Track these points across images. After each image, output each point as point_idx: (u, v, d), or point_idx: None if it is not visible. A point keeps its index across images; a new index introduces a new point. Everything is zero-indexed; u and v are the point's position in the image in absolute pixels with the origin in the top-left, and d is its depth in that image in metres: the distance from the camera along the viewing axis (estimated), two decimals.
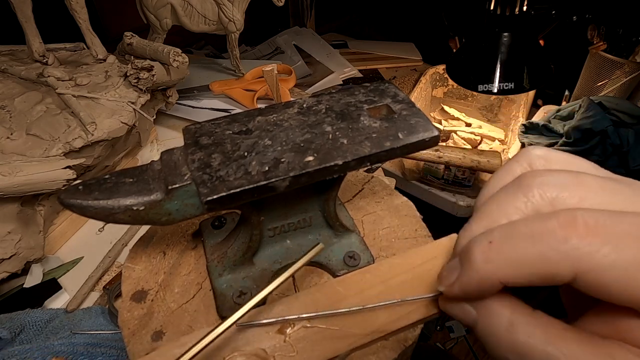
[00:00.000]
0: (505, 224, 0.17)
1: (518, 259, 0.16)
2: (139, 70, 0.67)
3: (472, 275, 0.17)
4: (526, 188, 0.18)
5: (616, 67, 0.96)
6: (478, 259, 0.17)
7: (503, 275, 0.17)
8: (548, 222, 0.16)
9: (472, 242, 0.18)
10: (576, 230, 0.15)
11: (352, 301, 0.25)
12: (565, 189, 0.17)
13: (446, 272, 0.19)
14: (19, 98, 0.63)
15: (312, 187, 0.30)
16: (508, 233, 0.17)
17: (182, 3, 0.86)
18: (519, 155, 0.21)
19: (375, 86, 0.31)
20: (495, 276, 0.17)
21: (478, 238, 0.18)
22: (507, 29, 0.73)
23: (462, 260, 0.18)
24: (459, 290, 0.19)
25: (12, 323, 0.48)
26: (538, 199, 0.17)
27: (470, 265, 0.17)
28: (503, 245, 0.17)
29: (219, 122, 0.29)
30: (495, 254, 0.17)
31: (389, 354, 0.26)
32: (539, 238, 0.16)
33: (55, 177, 0.54)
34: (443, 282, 0.20)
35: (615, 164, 0.85)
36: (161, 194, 0.25)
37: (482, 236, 0.17)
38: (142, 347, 0.27)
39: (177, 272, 0.32)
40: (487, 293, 0.18)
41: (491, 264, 0.17)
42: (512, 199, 0.18)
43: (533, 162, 0.20)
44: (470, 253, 0.17)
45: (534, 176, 0.18)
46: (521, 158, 0.20)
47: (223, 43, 0.97)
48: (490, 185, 0.20)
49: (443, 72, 1.17)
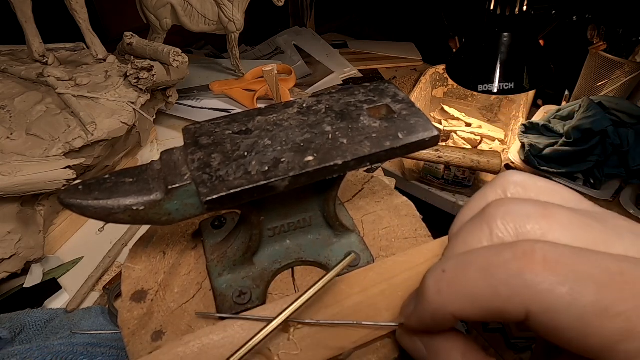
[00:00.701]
0: (461, 253, 0.16)
1: (468, 292, 0.15)
2: (139, 70, 0.67)
3: (426, 307, 0.16)
4: (490, 218, 0.16)
5: (616, 67, 0.96)
6: (430, 289, 0.16)
7: (454, 308, 0.15)
8: (503, 253, 0.14)
9: (428, 270, 0.17)
10: (532, 264, 0.14)
11: (356, 299, 0.25)
12: (530, 220, 0.16)
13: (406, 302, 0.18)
14: (19, 98, 0.63)
15: (312, 187, 0.30)
16: (461, 263, 0.15)
17: (182, 3, 0.86)
18: (495, 180, 0.19)
19: (375, 86, 0.31)
20: (447, 309, 0.15)
21: (433, 267, 0.16)
22: (507, 29, 0.73)
23: (418, 290, 0.17)
24: (415, 322, 0.17)
25: (12, 323, 0.48)
26: (502, 230, 0.16)
27: (424, 296, 0.16)
28: (455, 275, 0.15)
29: (219, 122, 0.29)
30: (446, 285, 0.15)
31: (389, 354, 0.26)
32: (491, 270, 0.14)
33: (55, 177, 0.54)
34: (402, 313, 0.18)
35: (615, 164, 0.85)
36: (161, 194, 0.25)
37: (437, 265, 0.16)
38: (142, 347, 0.27)
39: (177, 272, 0.32)
40: (443, 326, 0.16)
41: (442, 295, 0.15)
42: (477, 230, 0.17)
43: (508, 189, 0.18)
44: (424, 282, 0.16)
45: (498, 206, 0.16)
46: (496, 184, 0.19)
47: (223, 43, 0.97)
48: (463, 213, 0.19)
49: (443, 72, 1.17)
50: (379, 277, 0.27)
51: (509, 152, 0.95)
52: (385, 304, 0.25)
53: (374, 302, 0.25)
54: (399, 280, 0.26)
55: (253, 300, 0.29)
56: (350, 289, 0.26)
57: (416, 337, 0.18)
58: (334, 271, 0.23)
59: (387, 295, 0.26)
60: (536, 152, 0.89)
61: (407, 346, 0.19)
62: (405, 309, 0.18)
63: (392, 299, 0.25)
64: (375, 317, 0.24)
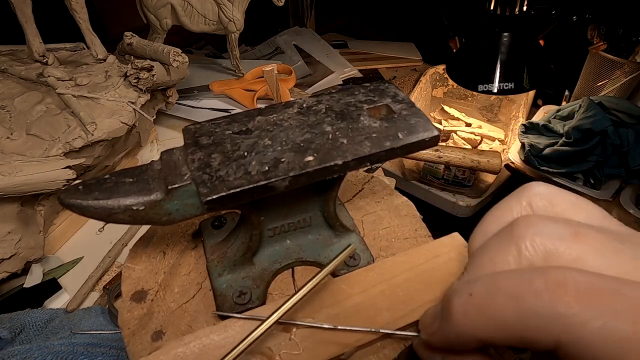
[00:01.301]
0: (489, 275, 0.16)
1: (497, 318, 0.14)
2: (139, 70, 0.67)
3: (451, 329, 0.16)
4: (518, 238, 0.16)
5: (616, 67, 0.96)
6: (457, 311, 0.16)
7: (481, 333, 0.15)
8: (535, 281, 0.14)
9: (453, 290, 0.16)
10: (565, 294, 0.13)
11: (356, 299, 0.26)
12: (562, 243, 0.15)
13: (429, 319, 0.18)
14: (19, 98, 0.63)
15: (312, 187, 0.30)
16: (490, 287, 0.15)
17: (182, 3, 0.86)
18: (520, 192, 0.18)
19: (375, 86, 0.31)
20: (473, 332, 0.15)
21: (460, 287, 0.16)
22: (507, 29, 0.73)
23: (443, 310, 0.17)
24: (439, 341, 0.17)
25: (12, 323, 0.48)
26: (531, 251, 0.15)
27: (450, 318, 0.16)
28: (483, 300, 0.15)
29: (219, 122, 0.29)
30: (474, 308, 0.15)
31: (389, 354, 0.26)
32: (522, 298, 0.14)
33: (55, 177, 0.54)
34: (425, 330, 0.18)
35: (615, 164, 0.85)
36: (161, 194, 0.25)
37: (464, 286, 0.16)
38: (142, 347, 0.27)
39: (177, 272, 0.32)
40: (467, 347, 0.16)
41: (468, 319, 0.15)
42: (504, 249, 0.16)
43: (533, 202, 0.18)
44: (450, 304, 0.16)
45: (527, 225, 0.16)
46: (521, 196, 0.18)
47: (223, 43, 0.97)
48: (486, 225, 0.19)
49: (443, 72, 1.17)
50: (379, 277, 0.27)
51: (509, 152, 0.95)
52: (386, 304, 0.25)
53: (374, 302, 0.25)
54: (399, 280, 0.26)
55: (253, 300, 0.29)
56: (350, 289, 0.26)
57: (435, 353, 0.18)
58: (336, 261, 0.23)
59: (387, 296, 0.26)
60: (536, 152, 0.89)
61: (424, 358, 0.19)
62: (427, 326, 0.18)
63: (392, 299, 0.25)
64: (376, 317, 0.25)
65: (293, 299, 0.22)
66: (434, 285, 0.26)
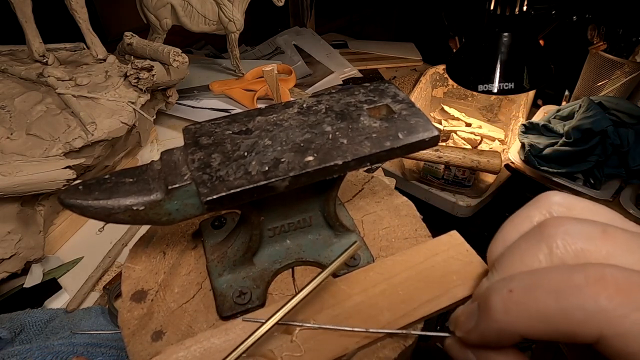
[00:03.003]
0: (527, 272, 0.16)
1: (539, 313, 0.15)
2: (139, 70, 0.67)
3: (491, 325, 0.16)
4: (549, 238, 0.16)
5: (616, 67, 0.96)
6: (497, 308, 0.16)
7: (522, 328, 0.15)
8: (574, 277, 0.15)
9: (491, 289, 0.17)
10: (605, 289, 0.14)
11: (357, 299, 0.26)
12: (592, 241, 0.16)
13: (464, 317, 0.18)
14: (19, 98, 0.63)
15: (312, 187, 0.30)
16: (530, 283, 0.16)
17: (182, 3, 0.86)
18: (538, 201, 0.19)
19: (375, 86, 0.31)
20: (514, 328, 0.16)
21: (498, 285, 0.16)
22: (507, 29, 0.73)
23: (481, 308, 0.17)
24: (476, 339, 0.17)
25: (12, 323, 0.48)
26: (562, 250, 0.16)
27: (489, 315, 0.16)
28: (524, 296, 0.15)
29: (219, 122, 0.29)
30: (515, 304, 0.16)
31: (389, 354, 0.26)
32: (563, 293, 0.15)
33: (55, 177, 0.54)
34: (461, 328, 0.18)
35: (615, 164, 0.85)
36: (161, 194, 0.25)
37: (502, 283, 0.16)
38: (142, 347, 0.27)
39: (177, 272, 0.32)
40: (506, 344, 0.17)
41: (510, 315, 0.16)
42: (534, 249, 0.17)
43: (553, 210, 0.18)
44: (490, 301, 0.16)
45: (557, 225, 0.17)
46: (540, 205, 0.19)
47: (223, 43, 0.97)
48: (506, 232, 0.19)
49: (443, 72, 1.17)
50: (379, 277, 0.27)
51: (509, 152, 0.95)
52: (387, 304, 0.25)
53: (374, 302, 0.25)
54: (399, 279, 0.26)
55: (253, 300, 0.29)
56: (350, 289, 0.26)
57: (469, 350, 0.18)
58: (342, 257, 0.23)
59: (388, 295, 0.26)
60: (536, 152, 0.89)
61: (456, 357, 0.19)
62: (463, 324, 0.18)
63: (392, 299, 0.25)
64: (377, 317, 0.25)
65: (298, 297, 0.22)
66: (434, 283, 0.26)
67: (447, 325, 0.20)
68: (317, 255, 0.32)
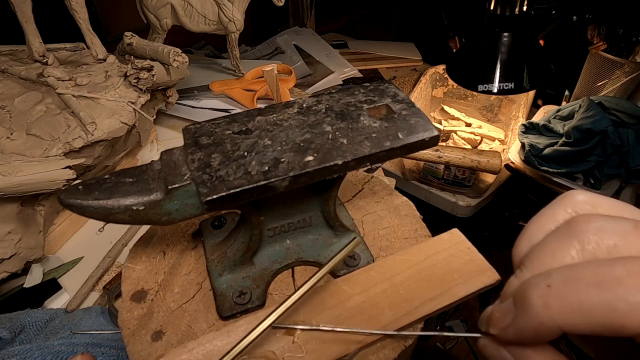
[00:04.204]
0: (564, 267, 0.16)
1: (581, 306, 0.15)
2: (139, 70, 0.67)
3: (530, 321, 0.16)
4: (581, 234, 0.17)
5: (616, 67, 0.96)
6: (536, 303, 0.16)
7: (563, 322, 0.15)
8: (615, 269, 0.15)
9: (528, 284, 0.17)
10: None
11: (358, 299, 0.26)
12: (624, 237, 0.16)
13: (499, 314, 0.18)
14: (19, 98, 0.63)
15: (312, 187, 0.30)
16: (569, 277, 0.16)
17: (182, 3, 0.86)
18: (562, 200, 0.19)
19: (375, 86, 0.31)
20: (555, 322, 0.16)
21: (535, 280, 0.16)
22: (507, 29, 0.73)
23: (518, 304, 0.17)
24: (513, 335, 0.17)
25: (12, 323, 0.48)
26: (594, 246, 0.16)
27: (528, 310, 0.16)
28: (564, 290, 0.15)
29: (219, 122, 0.29)
30: (555, 299, 0.16)
31: (388, 354, 0.26)
32: (605, 285, 0.15)
33: (55, 177, 0.54)
34: (496, 325, 0.18)
35: (615, 164, 0.85)
36: (161, 193, 0.25)
37: (539, 278, 0.16)
38: (142, 347, 0.27)
39: (177, 272, 0.32)
40: (545, 339, 0.17)
41: (551, 309, 0.16)
42: (566, 245, 0.17)
43: (578, 208, 0.18)
44: (527, 296, 0.16)
45: (589, 221, 0.17)
46: (565, 204, 0.19)
47: (223, 43, 0.97)
48: (531, 231, 0.19)
49: (443, 72, 1.17)
50: (380, 277, 0.27)
51: (509, 152, 0.95)
52: (388, 303, 0.25)
53: (376, 302, 0.25)
54: (400, 278, 0.26)
55: (253, 300, 0.29)
56: (351, 289, 0.26)
57: (504, 348, 0.18)
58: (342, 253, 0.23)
59: (389, 294, 0.26)
60: (536, 152, 0.89)
61: (492, 357, 0.19)
62: (498, 321, 0.18)
63: (393, 298, 0.25)
64: (378, 317, 0.25)
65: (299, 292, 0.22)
66: (435, 282, 0.26)
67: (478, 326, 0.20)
68: (317, 255, 0.32)
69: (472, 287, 0.26)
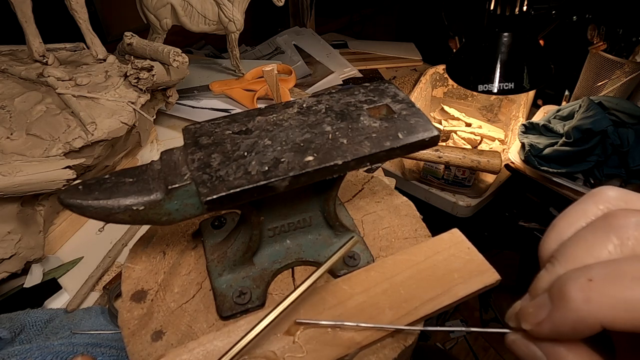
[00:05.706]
0: (605, 261, 0.16)
1: (625, 301, 0.15)
2: (139, 70, 0.67)
3: (568, 315, 0.16)
4: (619, 229, 0.16)
5: (616, 67, 0.96)
6: (576, 297, 0.15)
7: (605, 317, 0.15)
8: None
9: (566, 279, 0.16)
10: None
11: (359, 299, 0.26)
12: None
13: (533, 308, 0.18)
14: (19, 98, 0.63)
15: (312, 187, 0.30)
16: (611, 272, 0.15)
17: (182, 3, 0.86)
18: (593, 196, 0.19)
19: (375, 86, 0.31)
20: (596, 318, 0.15)
21: (574, 275, 0.16)
22: (507, 29, 0.73)
23: (555, 298, 0.16)
24: (549, 330, 0.17)
25: (12, 323, 0.48)
26: (634, 241, 0.16)
27: (567, 304, 0.16)
28: (607, 284, 0.15)
29: (219, 122, 0.29)
30: (597, 293, 0.15)
31: (388, 354, 0.26)
32: None
33: (55, 177, 0.54)
34: (529, 320, 0.18)
35: (615, 164, 0.85)
36: (161, 193, 0.25)
37: (579, 273, 0.16)
38: (142, 347, 0.27)
39: (177, 272, 0.32)
40: (582, 335, 0.16)
41: (592, 304, 0.15)
42: (603, 240, 0.16)
43: (611, 204, 0.18)
44: (566, 291, 0.16)
45: (627, 217, 0.16)
46: (596, 200, 0.18)
47: (223, 43, 0.97)
48: (560, 227, 0.19)
49: (443, 72, 1.17)
50: (381, 276, 0.27)
51: (509, 152, 0.95)
52: (388, 303, 0.25)
53: (376, 302, 0.25)
54: (400, 278, 0.26)
55: (253, 300, 0.29)
56: (352, 289, 0.26)
57: (535, 345, 0.18)
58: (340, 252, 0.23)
59: (390, 294, 0.26)
60: (536, 152, 0.89)
61: (522, 353, 0.19)
62: (532, 316, 0.18)
63: (394, 298, 0.25)
64: (379, 316, 0.25)
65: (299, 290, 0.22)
66: (435, 282, 0.26)
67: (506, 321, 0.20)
68: (317, 255, 0.32)
69: (472, 287, 0.26)
